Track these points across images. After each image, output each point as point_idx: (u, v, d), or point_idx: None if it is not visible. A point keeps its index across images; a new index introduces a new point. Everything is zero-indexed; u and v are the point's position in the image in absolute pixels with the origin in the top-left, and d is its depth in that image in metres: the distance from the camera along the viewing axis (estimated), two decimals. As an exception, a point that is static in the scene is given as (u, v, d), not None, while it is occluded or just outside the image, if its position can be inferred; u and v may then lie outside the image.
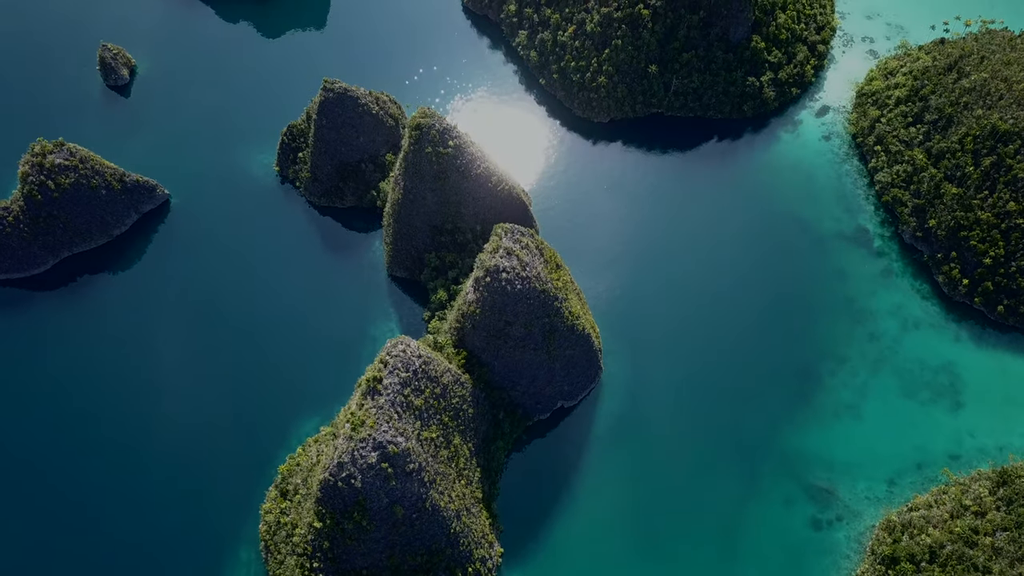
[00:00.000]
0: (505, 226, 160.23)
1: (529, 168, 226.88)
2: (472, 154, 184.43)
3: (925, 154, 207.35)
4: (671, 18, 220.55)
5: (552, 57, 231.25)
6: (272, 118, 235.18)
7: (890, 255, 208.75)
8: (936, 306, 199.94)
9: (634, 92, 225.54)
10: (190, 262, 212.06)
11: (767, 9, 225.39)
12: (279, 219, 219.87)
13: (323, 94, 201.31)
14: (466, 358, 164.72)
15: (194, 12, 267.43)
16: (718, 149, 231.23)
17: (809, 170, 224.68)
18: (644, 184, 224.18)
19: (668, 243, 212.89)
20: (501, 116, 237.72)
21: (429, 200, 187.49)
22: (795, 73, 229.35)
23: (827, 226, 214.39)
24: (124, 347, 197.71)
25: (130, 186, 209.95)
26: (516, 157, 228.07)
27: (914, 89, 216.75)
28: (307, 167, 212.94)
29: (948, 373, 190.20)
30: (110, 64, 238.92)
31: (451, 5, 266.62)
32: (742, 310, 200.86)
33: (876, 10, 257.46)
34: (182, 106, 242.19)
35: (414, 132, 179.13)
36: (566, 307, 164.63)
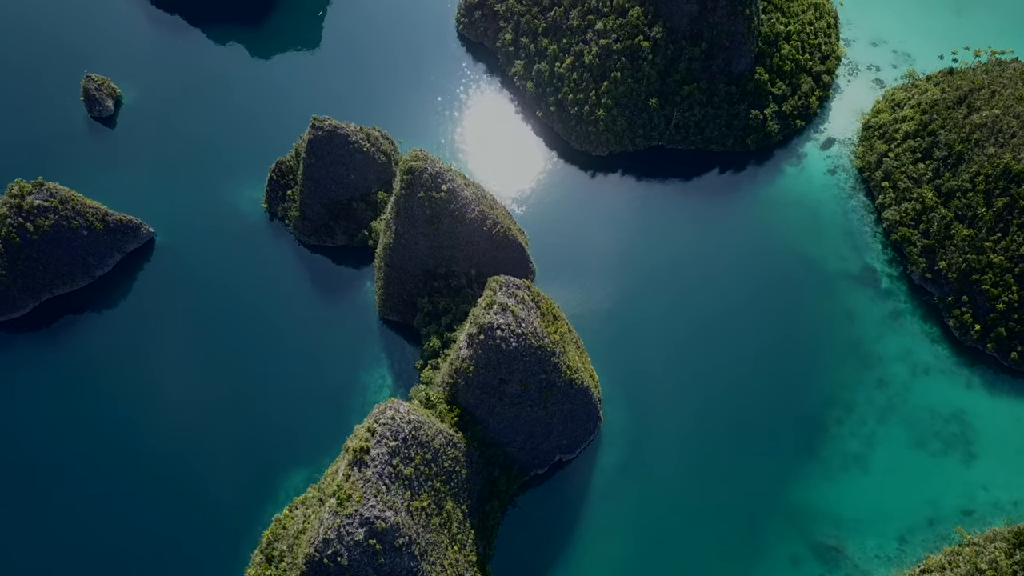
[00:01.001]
0: (500, 279, 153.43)
1: (526, 203, 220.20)
2: (466, 198, 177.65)
3: (934, 192, 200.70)
4: (672, 50, 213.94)
5: (549, 89, 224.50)
6: (262, 151, 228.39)
7: (898, 296, 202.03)
8: (946, 351, 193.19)
9: (634, 125, 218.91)
10: (175, 304, 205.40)
11: (771, 40, 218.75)
12: (268, 258, 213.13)
13: (312, 132, 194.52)
14: (459, 415, 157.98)
15: (182, 38, 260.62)
16: (720, 183, 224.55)
17: (814, 205, 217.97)
18: (644, 220, 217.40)
19: (669, 282, 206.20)
20: (497, 149, 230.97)
21: (421, 245, 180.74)
22: (799, 105, 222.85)
23: (833, 265, 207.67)
24: (106, 392, 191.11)
25: (113, 226, 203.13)
26: (512, 192, 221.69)
27: (922, 123, 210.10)
28: (296, 205, 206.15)
29: (959, 422, 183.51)
30: (94, 95, 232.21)
31: (446, 32, 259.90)
32: (745, 353, 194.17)
33: (882, 37, 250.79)
34: (168, 138, 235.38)
35: (406, 176, 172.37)
36: (564, 361, 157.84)
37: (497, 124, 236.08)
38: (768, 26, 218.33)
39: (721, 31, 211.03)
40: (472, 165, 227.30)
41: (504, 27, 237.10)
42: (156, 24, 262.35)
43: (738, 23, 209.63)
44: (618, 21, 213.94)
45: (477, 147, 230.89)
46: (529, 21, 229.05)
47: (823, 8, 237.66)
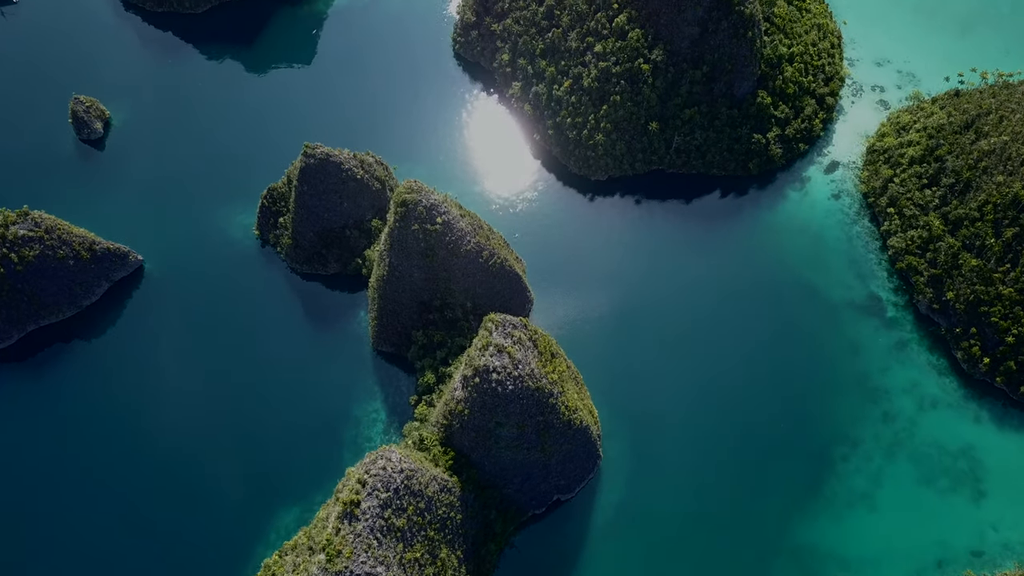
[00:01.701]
0: (496, 319, 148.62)
1: (524, 229, 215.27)
2: (462, 229, 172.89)
3: (941, 220, 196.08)
4: (672, 73, 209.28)
5: (547, 112, 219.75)
6: (254, 175, 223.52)
7: (904, 327, 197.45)
8: (954, 383, 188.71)
9: (633, 149, 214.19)
10: (164, 333, 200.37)
11: (773, 63, 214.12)
12: (259, 286, 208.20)
13: (304, 160, 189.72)
14: (454, 458, 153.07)
15: (173, 58, 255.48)
16: (722, 208, 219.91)
17: (818, 231, 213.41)
18: (643, 247, 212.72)
19: (669, 311, 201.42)
20: (494, 173, 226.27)
21: (416, 277, 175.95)
22: (803, 128, 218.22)
23: (837, 293, 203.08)
24: (93, 423, 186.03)
25: (100, 254, 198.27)
26: (510, 217, 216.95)
27: (929, 148, 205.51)
28: (288, 233, 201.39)
29: (968, 458, 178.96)
30: (82, 117, 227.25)
31: (441, 51, 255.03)
32: (748, 385, 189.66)
33: (886, 56, 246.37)
34: (158, 161, 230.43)
35: (400, 208, 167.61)
36: (562, 402, 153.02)
37: (494, 147, 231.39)
38: (771, 48, 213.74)
39: (723, 54, 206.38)
40: (468, 189, 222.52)
41: (501, 47, 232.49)
42: (146, 43, 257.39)
43: (740, 46, 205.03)
44: (617, 44, 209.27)
45: (473, 171, 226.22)
46: (527, 42, 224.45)
47: (826, 28, 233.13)
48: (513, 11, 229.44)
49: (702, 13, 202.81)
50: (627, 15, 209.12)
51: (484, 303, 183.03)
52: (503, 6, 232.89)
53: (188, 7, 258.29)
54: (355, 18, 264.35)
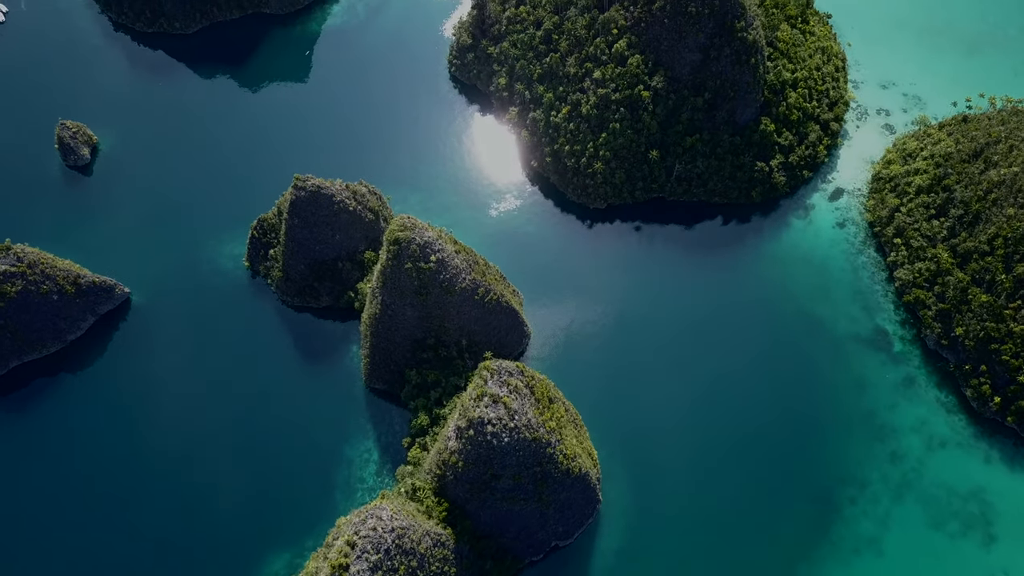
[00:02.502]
0: (491, 366, 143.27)
1: (521, 259, 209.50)
2: (456, 267, 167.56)
3: (950, 252, 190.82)
4: (673, 100, 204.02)
5: (545, 139, 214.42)
6: (245, 202, 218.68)
7: (912, 362, 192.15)
8: (963, 422, 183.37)
9: (633, 178, 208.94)
10: (151, 368, 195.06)
11: (777, 89, 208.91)
12: (249, 319, 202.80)
13: (294, 192, 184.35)
14: (448, 509, 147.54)
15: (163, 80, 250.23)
16: (724, 237, 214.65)
17: (822, 261, 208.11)
18: (643, 278, 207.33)
19: (670, 345, 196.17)
20: (490, 200, 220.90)
21: (409, 315, 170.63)
22: (807, 155, 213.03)
23: (843, 327, 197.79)
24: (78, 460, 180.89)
25: (85, 288, 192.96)
26: (507, 247, 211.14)
27: (936, 177, 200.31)
28: (279, 265, 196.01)
29: (978, 501, 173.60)
30: (69, 144, 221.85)
31: (437, 73, 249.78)
32: (751, 422, 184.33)
33: (891, 79, 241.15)
34: (146, 188, 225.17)
35: (392, 247, 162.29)
36: (560, 450, 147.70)
37: (491, 173, 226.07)
38: (775, 74, 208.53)
39: (725, 81, 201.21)
40: (464, 217, 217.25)
41: (498, 71, 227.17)
42: (136, 65, 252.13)
43: (743, 72, 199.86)
44: (617, 70, 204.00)
45: (470, 198, 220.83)
46: (524, 66, 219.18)
47: (831, 51, 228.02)
48: (510, 34, 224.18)
49: (704, 39, 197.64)
50: (627, 40, 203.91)
51: (480, 340, 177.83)
52: (500, 28, 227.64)
53: (179, 28, 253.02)
54: (349, 38, 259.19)
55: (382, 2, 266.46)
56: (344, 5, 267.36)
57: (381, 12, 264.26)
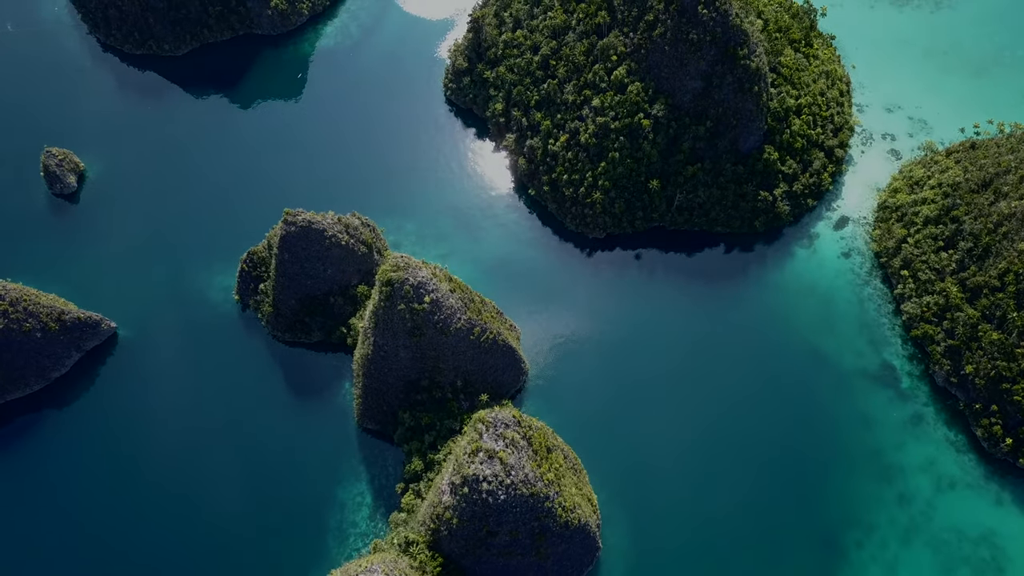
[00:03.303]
0: (486, 418, 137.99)
1: (518, 290, 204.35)
2: (451, 306, 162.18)
3: (959, 287, 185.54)
4: (674, 128, 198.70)
5: (543, 167, 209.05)
6: (235, 232, 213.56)
7: (920, 398, 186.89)
8: (973, 462, 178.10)
9: (633, 207, 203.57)
10: (137, 405, 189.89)
11: (780, 116, 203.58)
12: (239, 354, 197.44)
13: (284, 228, 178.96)
14: (442, 564, 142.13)
15: (152, 104, 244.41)
16: (726, 267, 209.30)
17: (827, 293, 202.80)
18: (643, 310, 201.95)
19: (670, 379, 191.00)
20: (486, 228, 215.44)
21: (402, 356, 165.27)
22: (811, 183, 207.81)
23: (848, 361, 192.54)
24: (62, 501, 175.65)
25: (70, 324, 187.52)
26: (503, 278, 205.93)
27: (944, 208, 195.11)
28: (269, 300, 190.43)
29: (990, 545, 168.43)
30: (54, 172, 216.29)
31: (432, 96, 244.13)
32: (753, 461, 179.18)
33: (896, 102, 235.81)
34: (134, 216, 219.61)
35: (385, 288, 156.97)
36: (558, 503, 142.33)
37: (487, 201, 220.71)
38: (778, 101, 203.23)
39: (727, 109, 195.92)
40: (459, 246, 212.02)
41: (495, 95, 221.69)
42: (124, 89, 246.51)
43: (746, 100, 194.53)
44: (616, 98, 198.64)
45: (465, 226, 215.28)
46: (521, 92, 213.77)
47: (835, 75, 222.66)
48: (507, 58, 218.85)
49: (705, 67, 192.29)
50: (626, 67, 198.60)
51: (476, 380, 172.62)
52: (496, 52, 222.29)
53: (168, 50, 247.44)
54: (342, 60, 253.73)
55: (376, 22, 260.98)
56: (337, 25, 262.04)
57: (375, 33, 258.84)
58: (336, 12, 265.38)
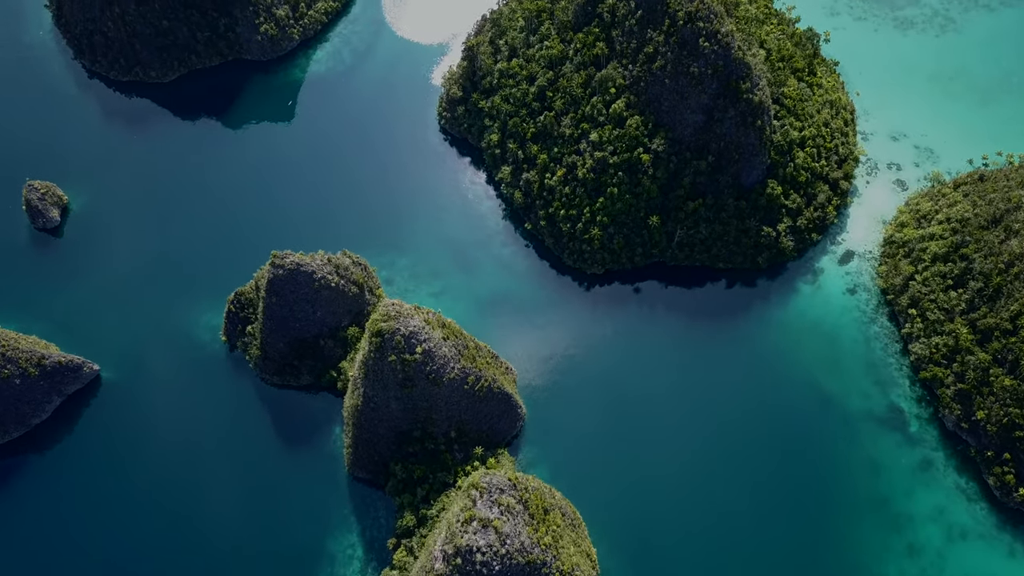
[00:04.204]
0: (480, 484, 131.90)
1: (513, 328, 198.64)
2: (444, 356, 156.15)
3: (969, 329, 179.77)
4: (675, 163, 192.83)
5: (539, 201, 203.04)
6: (225, 266, 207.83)
7: (929, 443, 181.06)
8: (985, 510, 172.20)
9: (632, 244, 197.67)
10: (121, 452, 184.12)
11: (784, 149, 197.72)
12: (227, 398, 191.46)
13: (272, 271, 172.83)
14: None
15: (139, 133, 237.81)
16: (728, 304, 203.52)
17: (832, 331, 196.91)
18: (642, 349, 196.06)
19: (669, 422, 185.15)
20: (482, 263, 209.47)
21: (393, 408, 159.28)
22: (816, 217, 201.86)
23: (854, 403, 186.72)
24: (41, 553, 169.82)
25: (50, 369, 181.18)
26: (498, 316, 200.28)
27: (953, 245, 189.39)
28: (257, 343, 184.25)
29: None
30: (37, 206, 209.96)
31: (427, 124, 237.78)
32: (755, 508, 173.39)
33: (902, 129, 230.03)
34: (120, 251, 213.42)
35: (375, 339, 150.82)
36: (556, 567, 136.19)
37: (483, 234, 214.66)
38: (781, 134, 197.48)
39: (730, 143, 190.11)
40: (454, 282, 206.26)
41: (490, 126, 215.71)
42: (110, 117, 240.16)
43: (748, 135, 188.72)
44: (615, 132, 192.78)
45: (460, 261, 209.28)
46: (517, 123, 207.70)
47: (839, 103, 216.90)
48: (502, 88, 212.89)
49: (707, 100, 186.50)
50: (625, 100, 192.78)
51: (471, 429, 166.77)
52: (491, 81, 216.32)
53: (155, 76, 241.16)
54: (333, 86, 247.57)
55: (368, 47, 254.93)
56: (329, 50, 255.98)
57: (367, 58, 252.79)
58: (328, 36, 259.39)
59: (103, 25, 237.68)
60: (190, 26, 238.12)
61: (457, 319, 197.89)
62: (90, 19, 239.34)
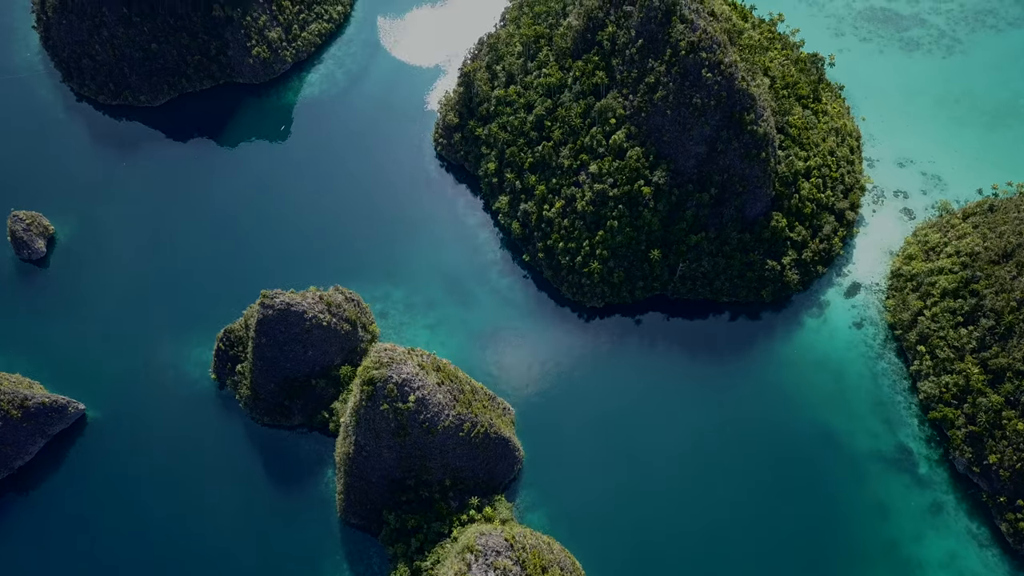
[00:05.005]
0: (475, 547, 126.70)
1: (511, 363, 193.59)
2: (439, 403, 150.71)
3: (980, 368, 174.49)
4: (677, 195, 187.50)
5: (537, 233, 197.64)
6: (215, 299, 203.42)
7: (939, 485, 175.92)
8: (998, 557, 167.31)
9: (633, 277, 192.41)
10: (107, 495, 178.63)
11: (789, 180, 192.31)
12: (216, 437, 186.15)
13: (261, 311, 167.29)
14: None
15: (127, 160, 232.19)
16: (731, 338, 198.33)
17: (838, 367, 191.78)
18: (643, 385, 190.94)
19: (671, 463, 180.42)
20: (478, 295, 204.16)
21: (386, 456, 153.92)
22: (821, 249, 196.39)
23: (862, 443, 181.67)
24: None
25: (34, 410, 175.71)
26: (494, 351, 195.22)
27: (963, 280, 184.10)
28: (247, 382, 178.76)
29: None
30: (22, 238, 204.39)
31: (423, 151, 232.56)
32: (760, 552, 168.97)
33: (908, 155, 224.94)
34: (107, 284, 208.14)
35: (366, 387, 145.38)
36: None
37: (480, 265, 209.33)
38: (786, 164, 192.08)
39: (733, 175, 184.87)
40: (450, 315, 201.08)
41: (487, 154, 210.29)
42: (98, 143, 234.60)
43: (753, 167, 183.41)
44: (615, 163, 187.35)
45: (456, 293, 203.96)
46: (514, 153, 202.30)
47: (845, 130, 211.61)
48: (500, 115, 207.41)
49: (710, 132, 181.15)
50: (626, 131, 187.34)
51: (466, 476, 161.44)
52: (488, 108, 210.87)
53: (145, 100, 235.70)
54: (327, 110, 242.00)
55: (363, 69, 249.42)
56: (323, 72, 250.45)
57: (362, 80, 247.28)
58: (321, 58, 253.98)
59: (91, 48, 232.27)
60: (180, 49, 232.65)
61: (453, 353, 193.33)
62: (78, 42, 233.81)
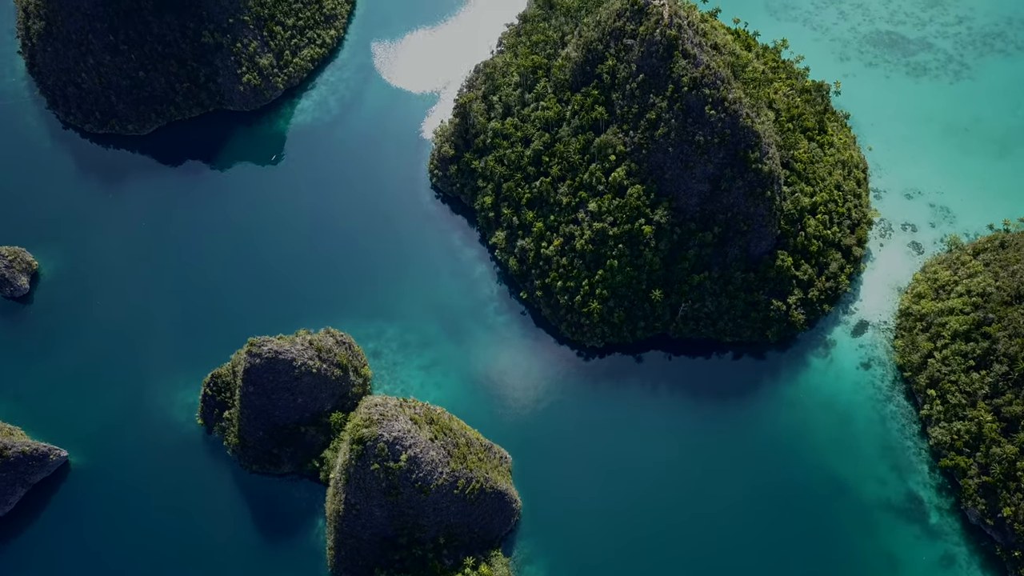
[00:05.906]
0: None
1: (508, 405, 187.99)
2: (432, 461, 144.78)
3: (994, 416, 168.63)
4: (679, 234, 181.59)
5: (535, 271, 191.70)
6: (203, 339, 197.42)
7: (951, 537, 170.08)
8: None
9: (633, 317, 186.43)
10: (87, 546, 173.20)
11: (794, 218, 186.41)
12: (203, 485, 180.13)
13: (248, 359, 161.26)
14: None
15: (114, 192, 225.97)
16: (735, 380, 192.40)
17: (845, 410, 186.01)
18: (643, 429, 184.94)
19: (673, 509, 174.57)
20: (474, 334, 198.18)
21: (377, 516, 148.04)
22: (828, 288, 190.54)
23: (869, 490, 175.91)
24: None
25: (13, 459, 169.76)
26: (491, 394, 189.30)
27: (975, 322, 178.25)
28: (235, 430, 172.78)
29: None
30: (3, 275, 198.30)
31: (418, 181, 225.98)
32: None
33: (916, 186, 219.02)
34: (92, 322, 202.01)
35: (356, 447, 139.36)
36: None
37: (476, 302, 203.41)
38: (792, 201, 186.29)
39: (737, 214, 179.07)
40: (445, 354, 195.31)
41: (483, 187, 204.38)
42: (84, 173, 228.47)
43: (757, 205, 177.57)
44: (615, 201, 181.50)
45: (452, 331, 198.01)
46: (511, 188, 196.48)
47: (851, 162, 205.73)
48: (496, 148, 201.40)
49: (713, 170, 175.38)
50: (626, 168, 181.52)
51: (461, 532, 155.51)
52: (485, 140, 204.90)
53: (132, 129, 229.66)
54: (319, 139, 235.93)
55: (356, 96, 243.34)
56: (315, 99, 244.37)
57: (355, 108, 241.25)
58: (314, 83, 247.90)
59: (77, 76, 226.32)
60: (168, 77, 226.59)
61: (448, 395, 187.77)
62: (64, 69, 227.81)
